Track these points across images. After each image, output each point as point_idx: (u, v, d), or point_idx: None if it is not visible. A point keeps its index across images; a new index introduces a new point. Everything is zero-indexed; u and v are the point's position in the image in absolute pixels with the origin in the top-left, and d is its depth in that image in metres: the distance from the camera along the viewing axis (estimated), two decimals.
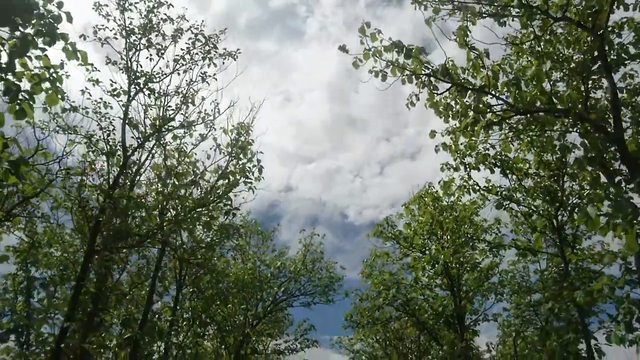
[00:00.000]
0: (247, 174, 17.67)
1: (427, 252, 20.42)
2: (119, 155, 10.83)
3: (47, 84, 6.81)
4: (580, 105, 10.14)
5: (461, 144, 13.69)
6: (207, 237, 19.64)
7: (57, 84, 6.83)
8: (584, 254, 16.96)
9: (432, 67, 10.64)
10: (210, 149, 15.30)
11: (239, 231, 19.19)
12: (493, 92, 10.34)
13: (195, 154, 15.54)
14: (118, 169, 10.50)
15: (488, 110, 10.53)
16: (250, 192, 17.76)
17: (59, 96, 6.75)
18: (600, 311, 13.15)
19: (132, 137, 11.03)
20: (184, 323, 18.84)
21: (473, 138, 13.71)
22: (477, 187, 15.31)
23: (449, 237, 15.81)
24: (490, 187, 15.44)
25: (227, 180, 16.02)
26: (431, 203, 19.60)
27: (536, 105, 10.19)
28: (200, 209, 15.87)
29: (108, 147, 10.72)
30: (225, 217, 19.39)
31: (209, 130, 14.68)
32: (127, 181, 10.76)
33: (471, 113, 11.43)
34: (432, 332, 22.32)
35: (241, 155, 16.89)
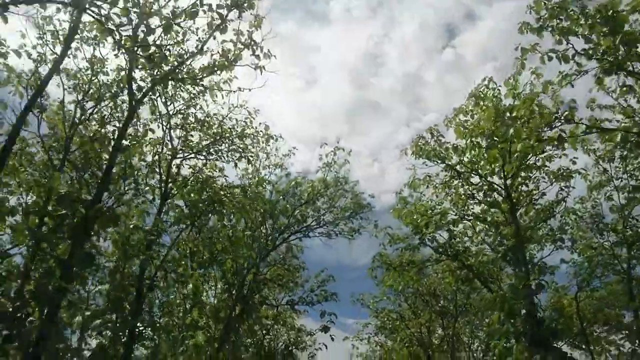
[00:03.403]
0: (254, 47, 13.59)
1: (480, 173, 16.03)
2: None
3: None
4: None
5: None
6: (202, 140, 15.60)
7: None
8: None
9: None
10: None
11: (244, 131, 15.12)
12: None
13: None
14: None
15: None
16: (257, 71, 13.91)
17: None
18: None
19: None
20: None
21: None
22: (574, 51, 10.90)
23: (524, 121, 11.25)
24: (590, 50, 10.98)
25: (221, 33, 11.91)
26: (491, 106, 15.20)
27: None
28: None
29: None
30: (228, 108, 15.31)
31: None
32: None
33: None
34: (480, 276, 17.91)
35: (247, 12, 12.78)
